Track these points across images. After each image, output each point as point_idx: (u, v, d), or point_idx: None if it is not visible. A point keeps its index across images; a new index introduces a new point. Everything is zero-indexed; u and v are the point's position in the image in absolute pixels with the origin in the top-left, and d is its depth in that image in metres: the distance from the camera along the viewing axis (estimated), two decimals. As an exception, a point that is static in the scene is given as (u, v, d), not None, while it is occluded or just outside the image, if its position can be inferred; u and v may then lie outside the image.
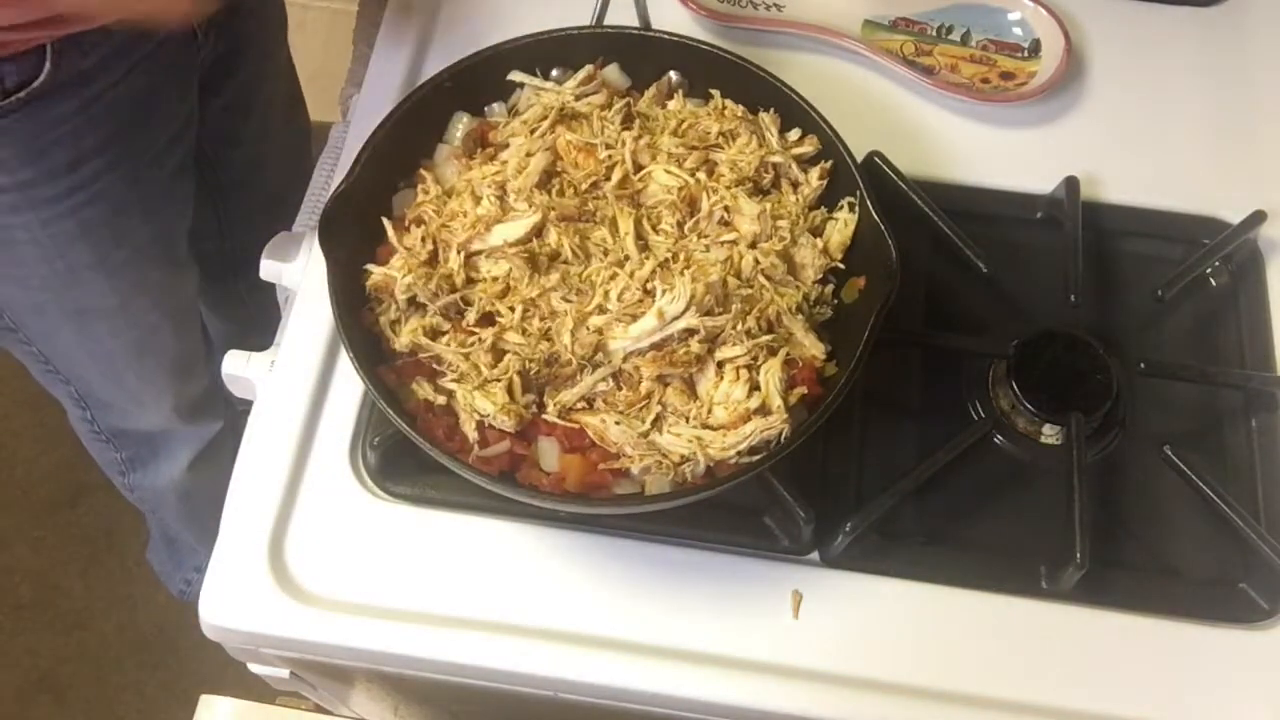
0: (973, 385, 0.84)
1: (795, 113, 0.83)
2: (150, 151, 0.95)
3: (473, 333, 0.74)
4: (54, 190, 0.89)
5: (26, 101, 0.81)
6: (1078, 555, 0.74)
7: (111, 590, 1.75)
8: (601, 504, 0.73)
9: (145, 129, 0.93)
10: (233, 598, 0.75)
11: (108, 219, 0.95)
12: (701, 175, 0.80)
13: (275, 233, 0.91)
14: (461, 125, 0.83)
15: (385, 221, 0.78)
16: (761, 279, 0.76)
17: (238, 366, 0.85)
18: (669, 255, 0.76)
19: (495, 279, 0.76)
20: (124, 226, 0.97)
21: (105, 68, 0.85)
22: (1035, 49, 0.99)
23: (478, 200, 0.78)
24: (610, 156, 0.80)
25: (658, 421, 0.72)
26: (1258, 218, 0.88)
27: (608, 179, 0.80)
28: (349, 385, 0.82)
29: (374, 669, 0.78)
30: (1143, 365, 0.82)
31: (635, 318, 0.73)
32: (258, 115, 1.15)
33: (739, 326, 0.73)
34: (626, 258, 0.76)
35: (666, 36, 0.85)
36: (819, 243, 0.79)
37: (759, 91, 0.84)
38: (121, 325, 1.07)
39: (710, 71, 0.85)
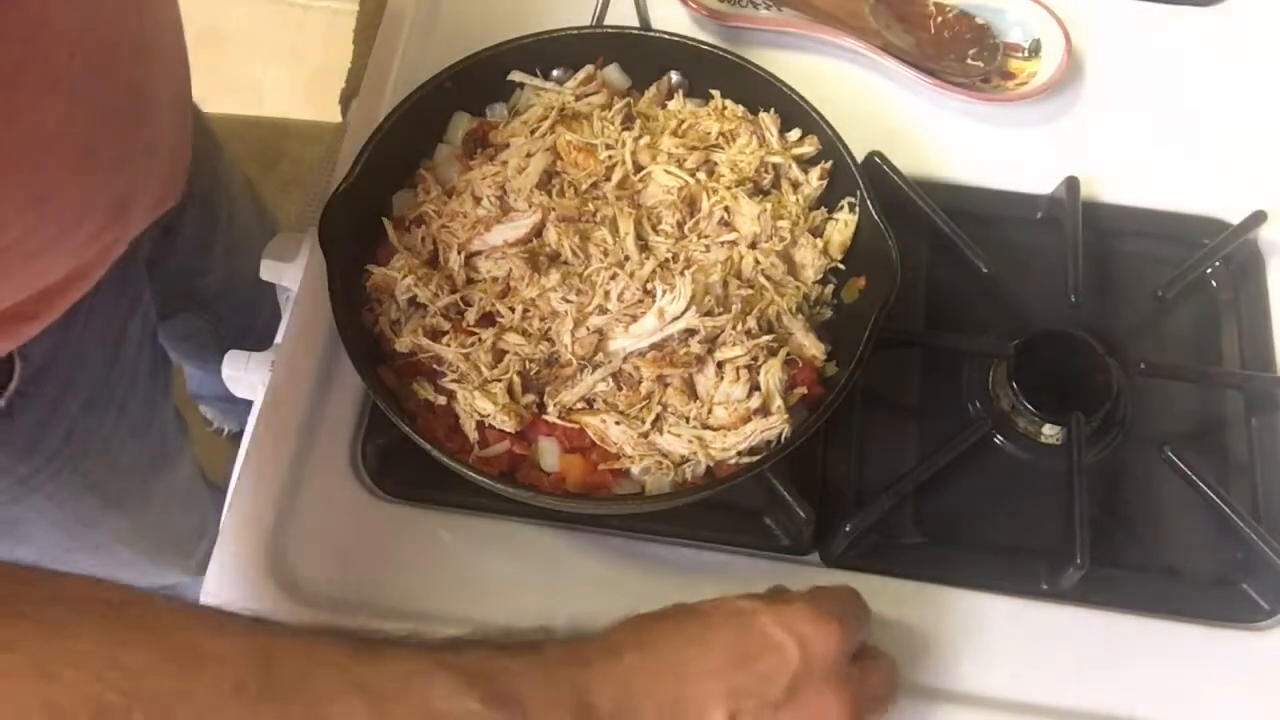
0: (973, 385, 0.83)
1: (795, 113, 0.83)
2: (129, 375, 0.90)
3: (473, 333, 0.74)
4: (57, 464, 0.85)
5: (8, 411, 0.76)
6: (1078, 555, 0.74)
7: (111, 590, 1.75)
8: (602, 503, 0.73)
9: (118, 361, 0.89)
10: (232, 598, 0.75)
11: (101, 455, 0.90)
12: (702, 175, 0.80)
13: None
14: (461, 125, 0.83)
15: (385, 221, 0.78)
16: (761, 279, 0.76)
17: (238, 366, 0.85)
18: (669, 255, 0.76)
19: (495, 279, 0.76)
20: (118, 453, 0.93)
21: (74, 340, 0.80)
22: (1035, 49, 0.98)
23: (478, 201, 0.78)
24: (610, 157, 0.80)
25: (658, 422, 0.72)
26: (1258, 218, 0.88)
27: (608, 179, 0.80)
28: (349, 385, 0.82)
29: (374, 669, 0.78)
30: (1143, 365, 0.82)
31: (635, 318, 0.73)
32: (222, 232, 1.08)
33: (739, 327, 0.73)
34: (627, 258, 0.76)
35: (666, 36, 0.85)
36: (819, 243, 0.79)
37: (759, 91, 0.84)
38: (132, 538, 1.05)
39: (710, 71, 0.85)
